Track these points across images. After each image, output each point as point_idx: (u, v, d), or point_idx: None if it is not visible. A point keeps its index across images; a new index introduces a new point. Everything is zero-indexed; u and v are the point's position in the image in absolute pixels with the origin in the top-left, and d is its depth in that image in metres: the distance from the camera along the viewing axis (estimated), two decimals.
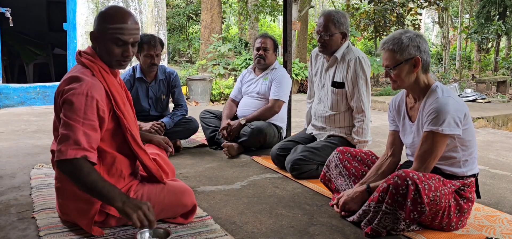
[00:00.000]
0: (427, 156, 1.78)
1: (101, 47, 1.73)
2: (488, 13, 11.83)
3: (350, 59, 2.66)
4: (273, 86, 3.40)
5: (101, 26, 1.71)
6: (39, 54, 7.77)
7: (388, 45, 1.85)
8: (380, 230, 1.77)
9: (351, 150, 2.19)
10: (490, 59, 13.26)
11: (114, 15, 1.70)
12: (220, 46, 9.27)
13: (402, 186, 1.67)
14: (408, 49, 1.82)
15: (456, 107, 1.78)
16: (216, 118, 3.57)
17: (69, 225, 1.83)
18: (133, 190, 1.82)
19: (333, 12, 2.71)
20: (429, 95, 1.85)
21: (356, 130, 2.72)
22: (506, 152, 3.75)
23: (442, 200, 1.76)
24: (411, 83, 1.87)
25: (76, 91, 1.61)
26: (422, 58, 1.84)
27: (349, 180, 2.14)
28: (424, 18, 19.15)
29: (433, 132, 1.76)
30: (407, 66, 1.84)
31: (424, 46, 1.85)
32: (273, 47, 3.48)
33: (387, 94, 8.40)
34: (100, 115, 1.66)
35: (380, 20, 10.35)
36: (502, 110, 6.09)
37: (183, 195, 1.86)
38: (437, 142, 1.77)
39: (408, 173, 1.69)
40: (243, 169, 2.92)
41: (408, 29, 1.98)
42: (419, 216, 1.72)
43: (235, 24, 19.04)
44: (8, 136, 3.97)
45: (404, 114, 2.00)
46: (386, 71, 1.89)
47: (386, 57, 1.87)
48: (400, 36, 1.85)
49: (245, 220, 1.98)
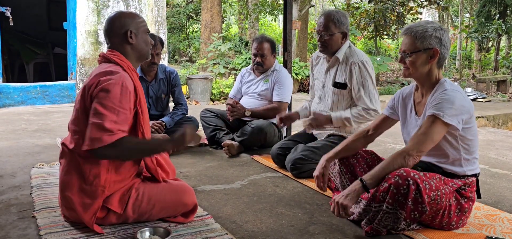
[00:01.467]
0: (424, 137, 1.76)
1: (139, 41, 1.89)
2: (488, 12, 11.82)
3: (354, 63, 2.64)
4: (276, 88, 3.39)
5: (135, 23, 1.88)
6: (39, 54, 7.77)
7: (411, 31, 1.85)
8: (381, 229, 1.77)
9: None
10: (491, 59, 13.26)
11: (134, 13, 1.95)
12: (220, 46, 9.27)
13: (403, 186, 1.67)
14: (430, 39, 1.81)
15: (462, 103, 1.78)
16: (216, 118, 3.56)
17: (70, 223, 1.83)
18: (135, 188, 1.83)
19: (334, 12, 2.71)
20: (438, 88, 1.85)
21: (356, 112, 2.63)
22: (506, 151, 3.75)
23: (443, 199, 1.76)
24: (424, 74, 1.87)
25: (113, 81, 1.70)
26: (440, 51, 1.83)
27: (345, 178, 2.14)
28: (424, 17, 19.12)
29: (434, 115, 1.75)
30: (424, 55, 1.83)
31: (445, 41, 1.84)
32: (270, 50, 3.43)
33: (387, 94, 8.40)
34: (130, 107, 1.75)
35: (381, 19, 10.35)
36: (502, 110, 6.09)
37: (184, 194, 1.88)
38: (437, 127, 1.74)
39: (409, 173, 1.69)
40: (244, 168, 2.92)
41: (434, 21, 1.97)
42: (420, 216, 1.72)
43: (235, 23, 19.03)
44: (9, 135, 3.98)
45: (411, 108, 2.00)
46: (401, 56, 1.88)
47: (406, 42, 1.86)
48: (425, 24, 1.84)
49: (246, 219, 1.98)
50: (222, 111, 3.62)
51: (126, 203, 1.79)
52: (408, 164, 1.75)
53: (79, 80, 6.32)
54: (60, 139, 3.72)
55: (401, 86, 10.26)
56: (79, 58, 6.31)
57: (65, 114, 5.37)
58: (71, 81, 6.45)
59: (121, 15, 1.89)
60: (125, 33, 1.85)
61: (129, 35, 1.86)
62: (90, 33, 6.32)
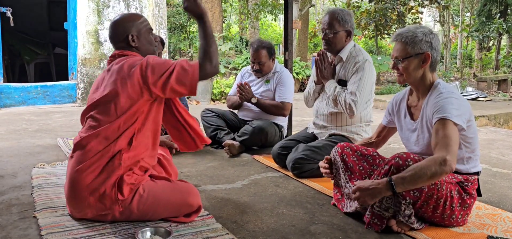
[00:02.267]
0: (448, 140, 1.69)
1: (142, 42, 1.95)
2: (489, 11, 11.81)
3: (358, 62, 2.64)
4: (278, 89, 3.39)
5: (136, 25, 1.93)
6: (40, 54, 7.77)
7: (401, 37, 1.85)
8: (382, 212, 1.77)
9: (352, 145, 2.18)
10: (491, 58, 13.24)
11: (135, 15, 1.99)
12: (221, 45, 9.27)
13: (403, 166, 1.71)
14: (420, 44, 1.82)
15: (460, 103, 1.79)
16: (217, 117, 3.56)
17: (71, 224, 1.83)
18: (143, 184, 1.85)
19: (338, 10, 2.72)
20: (433, 92, 1.85)
21: (343, 98, 2.60)
22: (507, 150, 3.75)
23: (443, 186, 1.77)
24: (417, 79, 1.87)
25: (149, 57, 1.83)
26: (432, 55, 1.83)
27: (345, 174, 2.13)
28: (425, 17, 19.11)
29: (443, 118, 1.73)
30: (416, 60, 1.84)
31: (436, 44, 1.84)
32: (268, 56, 3.39)
33: (388, 93, 8.39)
34: None
35: (381, 18, 10.34)
36: (503, 109, 6.08)
37: (189, 195, 1.89)
38: (450, 127, 1.71)
39: (409, 155, 1.73)
40: (244, 168, 2.92)
41: (423, 25, 1.98)
42: (419, 194, 1.73)
43: (236, 23, 19.03)
44: (9, 136, 3.98)
45: (405, 113, 2.00)
46: (394, 63, 1.89)
47: (397, 49, 1.87)
48: (415, 29, 1.85)
49: (246, 219, 1.98)
50: (223, 111, 3.62)
51: (133, 196, 1.81)
52: (446, 171, 1.65)
53: (79, 80, 6.32)
54: (61, 139, 3.72)
55: (401, 85, 10.26)
56: (80, 58, 6.31)
57: (66, 115, 5.38)
58: (72, 81, 6.45)
59: (121, 20, 1.93)
60: (126, 37, 1.91)
61: (131, 39, 1.91)
62: (90, 33, 6.32)
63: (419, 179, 1.66)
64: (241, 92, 3.33)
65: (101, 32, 6.35)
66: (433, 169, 1.64)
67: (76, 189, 1.79)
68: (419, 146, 1.91)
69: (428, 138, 1.86)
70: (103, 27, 6.35)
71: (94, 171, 1.77)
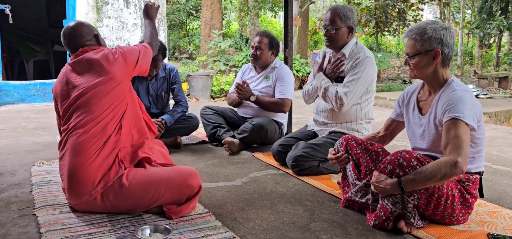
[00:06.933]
0: (459, 141, 1.68)
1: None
2: (490, 8, 11.77)
3: (358, 58, 2.63)
4: (278, 85, 3.38)
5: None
6: (39, 51, 7.76)
7: (412, 33, 1.85)
8: (391, 207, 1.77)
9: (357, 138, 2.16)
10: (492, 55, 13.21)
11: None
12: (220, 43, 9.25)
13: (408, 167, 1.71)
14: (430, 41, 1.81)
15: (473, 102, 1.78)
16: (217, 115, 3.55)
17: (71, 221, 1.83)
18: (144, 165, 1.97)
19: (340, 6, 2.72)
20: (445, 89, 1.84)
21: (334, 90, 2.60)
22: (508, 147, 3.74)
23: (444, 185, 1.77)
24: (429, 75, 1.86)
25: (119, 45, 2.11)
26: (443, 52, 1.82)
27: (349, 166, 2.12)
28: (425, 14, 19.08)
29: (455, 118, 1.71)
30: (426, 57, 1.83)
31: (448, 40, 1.82)
32: (268, 46, 3.41)
33: (388, 90, 8.38)
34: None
35: (382, 15, 10.31)
36: (504, 106, 6.07)
37: (190, 176, 1.94)
38: (462, 127, 1.70)
39: (412, 154, 1.73)
40: (244, 165, 2.91)
41: (437, 20, 1.96)
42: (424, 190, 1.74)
43: (236, 20, 18.99)
44: (8, 133, 3.97)
45: (414, 106, 1.99)
46: (406, 59, 1.90)
47: (407, 45, 1.87)
48: (425, 26, 1.84)
49: (246, 217, 1.98)
50: (223, 109, 3.61)
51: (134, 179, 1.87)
52: (457, 173, 1.65)
53: None
54: (59, 136, 3.71)
55: (402, 82, 10.24)
56: None
57: None
58: None
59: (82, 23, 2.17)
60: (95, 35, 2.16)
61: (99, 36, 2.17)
62: None
63: (429, 181, 1.68)
64: (240, 92, 3.32)
65: (100, 29, 6.33)
66: (443, 171, 1.65)
67: (77, 177, 1.84)
68: (425, 141, 1.91)
69: (434, 134, 1.85)
70: (102, 24, 6.34)
71: (93, 156, 1.85)
